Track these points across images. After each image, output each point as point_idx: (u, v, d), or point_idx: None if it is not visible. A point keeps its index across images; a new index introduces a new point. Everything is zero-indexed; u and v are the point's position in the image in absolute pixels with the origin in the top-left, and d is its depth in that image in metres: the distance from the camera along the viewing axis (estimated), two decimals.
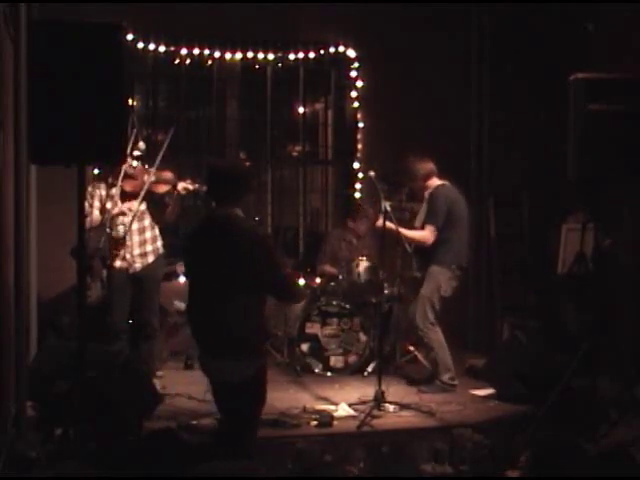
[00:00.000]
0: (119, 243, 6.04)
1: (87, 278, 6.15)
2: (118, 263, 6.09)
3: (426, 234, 6.13)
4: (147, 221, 6.16)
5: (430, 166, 6.30)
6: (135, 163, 6.02)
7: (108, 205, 6.03)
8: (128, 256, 6.08)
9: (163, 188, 6.01)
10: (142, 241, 6.13)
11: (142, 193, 5.83)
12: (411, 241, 6.20)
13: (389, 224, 5.82)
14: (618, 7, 6.54)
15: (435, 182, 6.29)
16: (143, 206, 6.07)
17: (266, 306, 4.21)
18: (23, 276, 4.75)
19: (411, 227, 6.32)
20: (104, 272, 6.42)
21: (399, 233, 5.89)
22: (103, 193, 6.01)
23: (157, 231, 6.25)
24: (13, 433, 4.48)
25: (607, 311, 5.59)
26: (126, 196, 6.02)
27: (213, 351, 4.11)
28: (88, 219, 5.73)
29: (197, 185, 6.11)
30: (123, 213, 5.97)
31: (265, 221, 8.19)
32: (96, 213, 5.96)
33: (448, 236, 6.15)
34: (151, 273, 6.18)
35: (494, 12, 7.79)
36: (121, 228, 6.01)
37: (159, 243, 6.26)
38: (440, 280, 6.15)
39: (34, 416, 4.77)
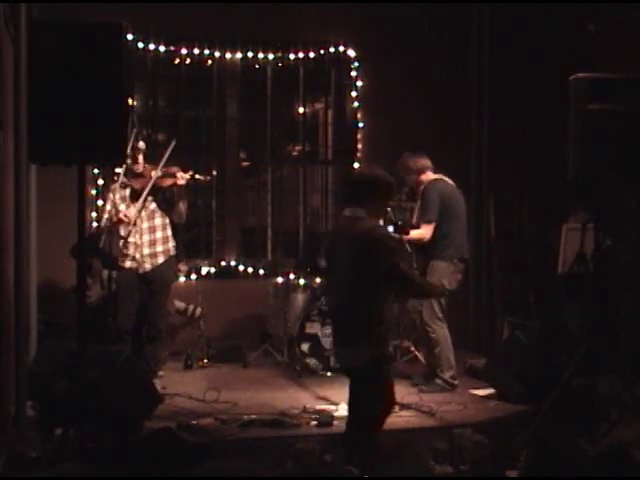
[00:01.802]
0: (124, 244, 6.08)
1: (87, 278, 6.18)
2: (128, 263, 6.10)
3: (422, 232, 6.13)
4: (158, 220, 6.16)
5: (424, 161, 6.28)
6: (142, 160, 6.06)
7: (122, 207, 6.06)
8: (138, 256, 6.10)
9: (168, 182, 6.03)
10: (152, 241, 6.13)
11: (147, 188, 5.86)
12: (410, 241, 6.19)
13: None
14: (618, 7, 6.54)
15: (429, 177, 6.28)
16: (153, 205, 6.09)
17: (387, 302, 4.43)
18: (23, 276, 4.75)
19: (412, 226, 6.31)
20: (104, 272, 6.44)
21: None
22: (117, 195, 6.04)
23: (169, 232, 6.24)
24: (13, 433, 4.49)
25: (607, 311, 5.58)
26: (136, 194, 6.05)
27: (339, 340, 4.45)
28: (107, 223, 5.83)
29: (197, 176, 6.14)
30: (121, 221, 6.00)
31: (265, 221, 8.20)
32: (105, 217, 6.02)
33: (446, 230, 6.14)
34: (161, 274, 6.19)
35: (494, 12, 7.80)
36: (122, 230, 6.06)
37: (171, 244, 6.26)
38: (443, 275, 6.14)
39: (34, 416, 4.77)
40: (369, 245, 4.21)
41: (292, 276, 7.45)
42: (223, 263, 7.88)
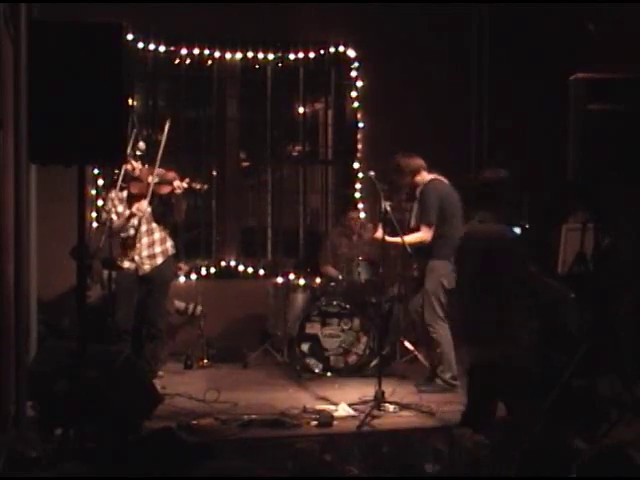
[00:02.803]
0: (128, 244, 6.08)
1: (87, 279, 6.19)
2: (127, 264, 6.12)
3: (423, 234, 6.12)
4: (155, 223, 6.20)
5: (417, 162, 6.26)
6: (138, 164, 6.05)
7: (120, 208, 6.08)
8: (137, 258, 6.13)
9: (166, 189, 6.05)
10: (151, 242, 6.18)
11: (149, 194, 5.88)
12: (411, 245, 6.18)
13: (388, 238, 5.84)
14: (618, 7, 6.54)
15: (425, 177, 6.26)
16: (149, 208, 6.12)
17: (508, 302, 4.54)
18: (23, 276, 4.74)
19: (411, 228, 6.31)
20: (104, 273, 6.45)
21: (396, 241, 5.89)
22: (113, 195, 6.05)
23: (166, 232, 6.28)
24: (13, 433, 4.48)
25: (607, 311, 5.58)
26: (133, 198, 6.07)
27: (467, 338, 4.66)
28: (109, 225, 5.82)
29: (193, 184, 6.16)
30: (133, 214, 6.00)
31: (265, 221, 8.20)
32: (114, 218, 6.01)
33: (443, 230, 6.13)
34: (160, 274, 6.22)
35: (494, 12, 7.80)
36: (131, 229, 6.06)
37: (169, 244, 6.30)
38: (441, 274, 6.13)
39: (34, 416, 4.77)
40: (498, 249, 4.27)
41: (292, 276, 7.47)
42: (223, 263, 7.89)
